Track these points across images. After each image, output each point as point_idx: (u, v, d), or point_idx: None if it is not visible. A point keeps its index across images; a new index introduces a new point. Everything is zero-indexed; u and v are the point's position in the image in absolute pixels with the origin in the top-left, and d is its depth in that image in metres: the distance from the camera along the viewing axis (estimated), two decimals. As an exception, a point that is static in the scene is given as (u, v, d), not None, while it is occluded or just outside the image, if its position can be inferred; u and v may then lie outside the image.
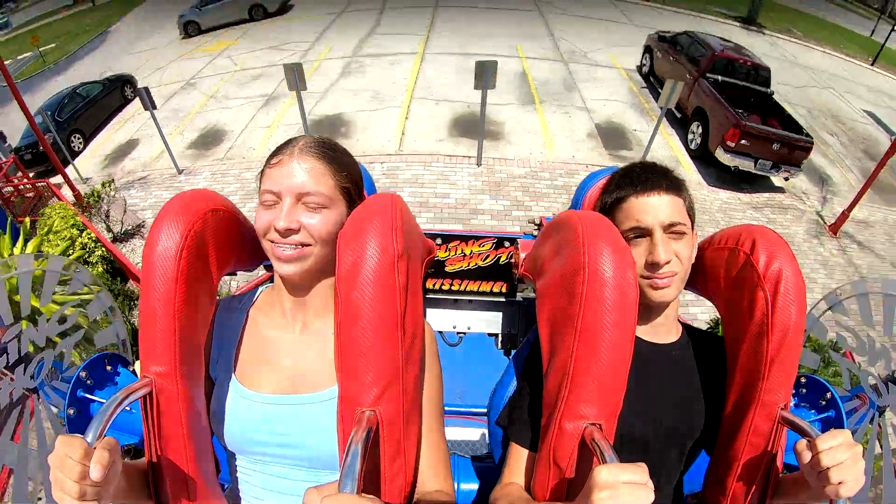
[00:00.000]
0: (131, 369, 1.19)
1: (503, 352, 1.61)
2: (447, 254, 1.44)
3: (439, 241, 1.42)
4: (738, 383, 0.83)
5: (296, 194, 0.78)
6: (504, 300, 1.51)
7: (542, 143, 8.48)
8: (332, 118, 9.22)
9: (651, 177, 0.88)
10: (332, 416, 0.75)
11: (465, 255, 1.45)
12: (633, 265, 0.76)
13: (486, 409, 1.17)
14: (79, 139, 9.49)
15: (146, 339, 0.72)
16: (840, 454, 0.66)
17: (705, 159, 8.28)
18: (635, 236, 0.87)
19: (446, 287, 1.48)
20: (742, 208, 7.76)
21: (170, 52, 13.56)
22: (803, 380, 1.15)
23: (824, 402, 1.13)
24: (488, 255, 1.45)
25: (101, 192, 6.67)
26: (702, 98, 8.27)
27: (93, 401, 1.09)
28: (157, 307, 0.71)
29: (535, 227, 1.67)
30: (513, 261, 1.44)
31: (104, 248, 5.25)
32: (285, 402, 0.80)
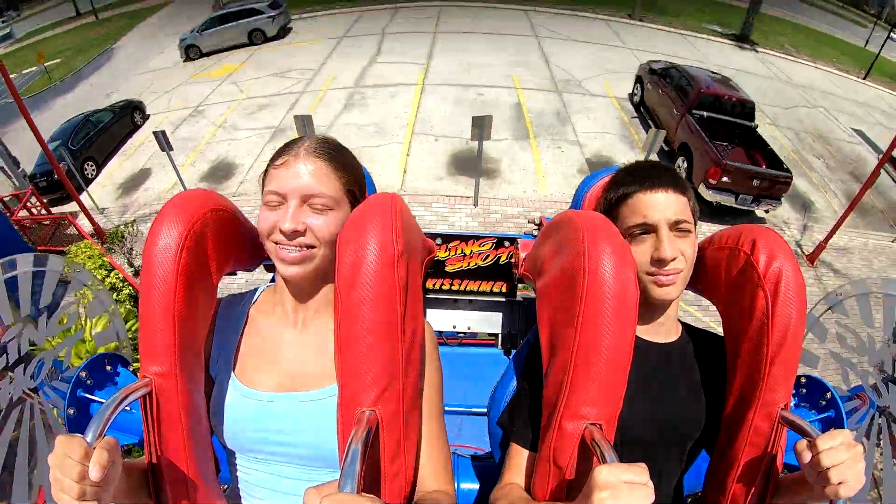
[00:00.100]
0: (131, 369, 1.19)
1: (503, 352, 1.61)
2: (447, 254, 1.44)
3: (439, 241, 1.42)
4: (738, 383, 0.83)
5: (301, 196, 0.78)
6: (504, 300, 1.51)
7: (534, 181, 8.74)
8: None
9: (658, 174, 0.88)
10: (331, 414, 0.75)
11: (465, 255, 1.45)
12: (634, 264, 0.75)
13: (486, 409, 1.17)
14: (91, 166, 9.71)
15: (145, 339, 0.72)
16: (840, 454, 0.66)
17: (689, 192, 8.60)
18: (641, 232, 0.87)
19: (446, 287, 1.48)
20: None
21: (175, 75, 13.63)
22: (803, 380, 1.15)
23: (824, 402, 1.13)
24: (488, 255, 1.45)
25: (125, 233, 7.21)
26: (687, 134, 8.52)
27: (93, 401, 1.09)
28: (157, 307, 0.71)
29: (535, 227, 1.67)
30: (513, 261, 1.44)
31: (131, 287, 5.82)
32: (285, 400, 0.80)
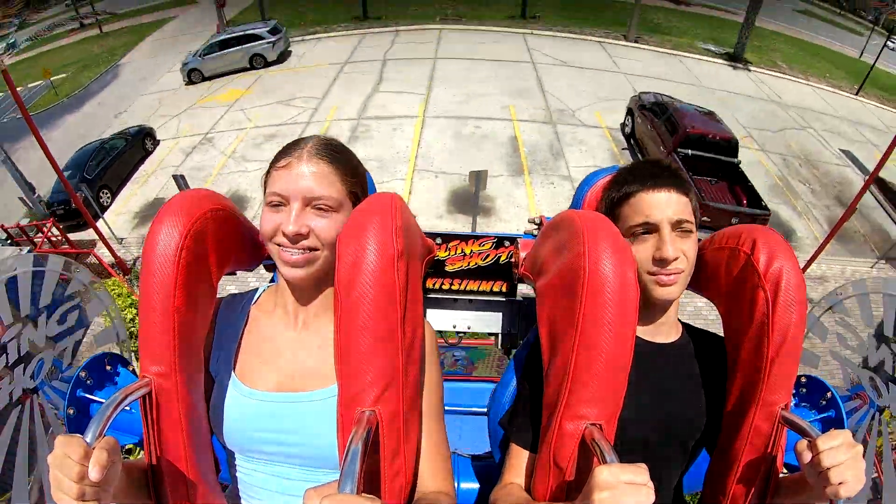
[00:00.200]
0: (131, 369, 1.19)
1: (503, 351, 1.61)
2: (447, 253, 1.44)
3: (439, 240, 1.42)
4: (739, 383, 0.83)
5: (304, 198, 0.77)
6: (504, 300, 1.51)
7: (527, 219, 8.77)
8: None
9: (661, 173, 0.88)
10: (331, 414, 0.75)
11: (464, 255, 1.45)
12: (634, 264, 0.75)
13: (486, 409, 1.17)
14: (107, 194, 9.89)
15: (145, 339, 0.72)
16: (840, 454, 0.65)
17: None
18: (643, 232, 0.87)
19: (446, 287, 1.48)
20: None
21: (182, 98, 13.77)
22: (803, 380, 1.15)
23: (824, 402, 1.13)
24: (488, 255, 1.45)
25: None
26: (673, 171, 8.85)
27: (92, 401, 1.09)
28: (157, 307, 0.71)
29: (536, 227, 1.67)
30: (513, 260, 1.44)
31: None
32: (284, 400, 0.80)
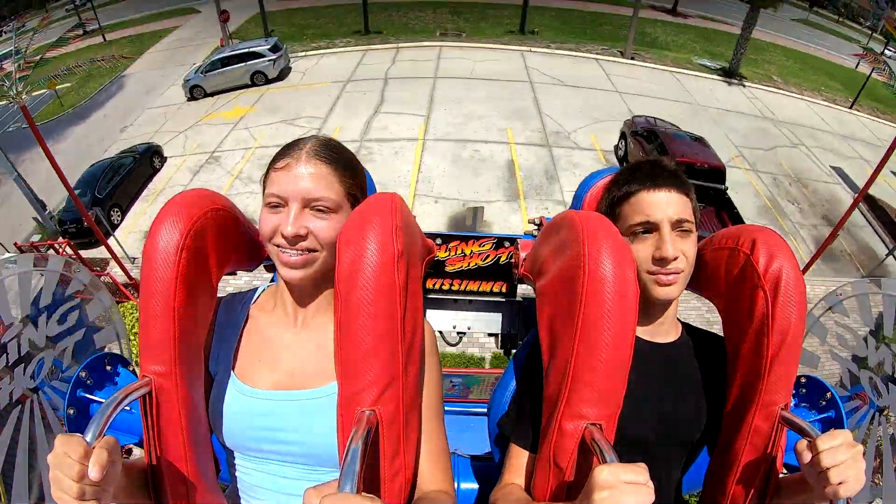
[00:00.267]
0: (131, 369, 1.19)
1: (503, 352, 1.61)
2: (447, 254, 1.44)
3: (439, 241, 1.42)
4: (738, 383, 0.83)
5: (303, 200, 0.77)
6: (504, 300, 1.51)
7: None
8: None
9: (662, 173, 0.88)
10: (330, 413, 0.75)
11: (465, 255, 1.45)
12: (634, 264, 0.75)
13: (486, 409, 1.17)
14: (117, 212, 10.00)
15: (145, 339, 0.72)
16: (840, 454, 0.65)
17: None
18: (643, 231, 0.87)
19: (446, 287, 1.48)
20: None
21: (188, 113, 13.76)
22: (803, 380, 1.15)
23: (824, 402, 1.13)
24: (488, 255, 1.45)
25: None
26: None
27: (92, 401, 1.09)
28: (157, 306, 0.71)
29: (535, 227, 1.67)
30: (513, 261, 1.44)
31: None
32: (284, 398, 0.80)
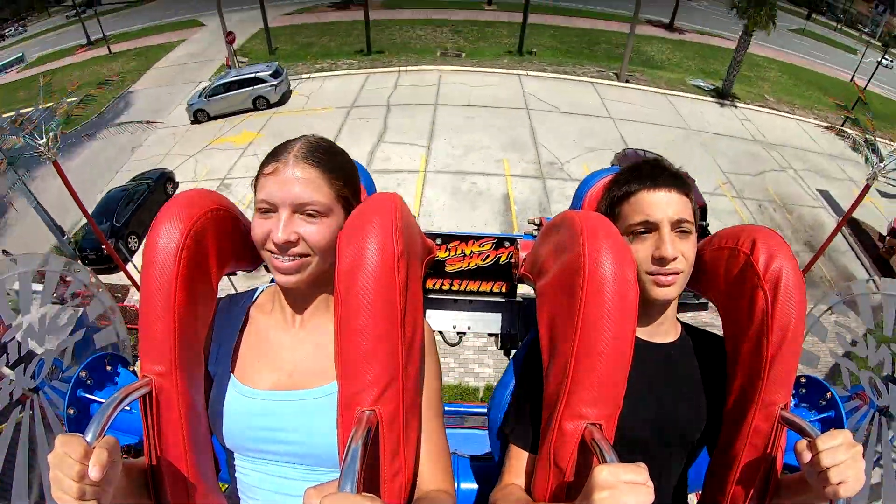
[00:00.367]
0: (131, 369, 1.19)
1: (503, 352, 1.61)
2: (447, 254, 1.44)
3: (439, 241, 1.42)
4: (738, 383, 0.83)
5: (292, 206, 0.76)
6: (504, 300, 1.51)
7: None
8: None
9: (662, 173, 0.88)
10: (330, 412, 0.75)
11: (464, 256, 1.45)
12: (634, 264, 0.76)
13: (486, 410, 1.17)
14: (134, 240, 10.42)
15: (145, 339, 0.72)
16: (840, 454, 0.65)
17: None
18: (643, 231, 0.87)
19: (446, 287, 1.48)
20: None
21: (197, 135, 14.16)
22: (803, 380, 1.15)
23: (824, 402, 1.13)
24: (488, 256, 1.45)
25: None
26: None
27: (93, 401, 1.09)
28: (157, 306, 0.71)
29: (535, 228, 1.67)
30: (513, 261, 1.44)
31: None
32: (283, 398, 0.80)
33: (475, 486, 1.23)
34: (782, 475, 0.82)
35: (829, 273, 9.94)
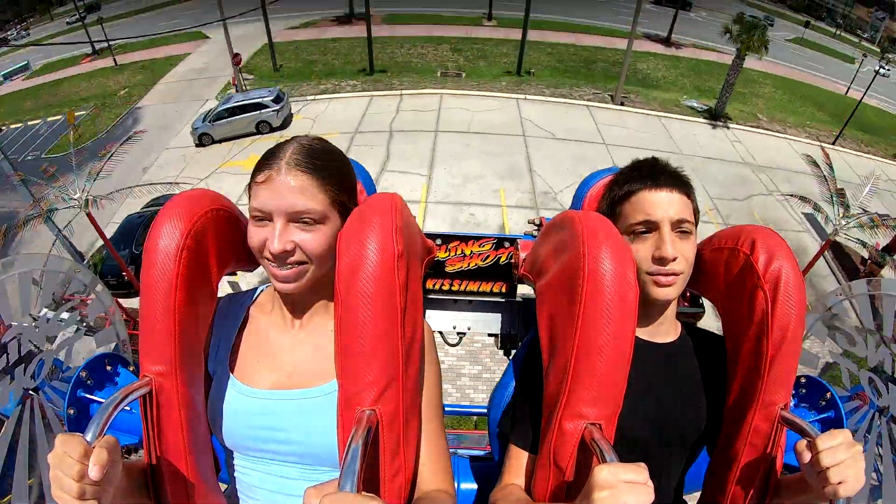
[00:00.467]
0: (131, 369, 1.19)
1: (503, 352, 1.61)
2: (447, 254, 1.44)
3: (439, 241, 1.42)
4: (738, 383, 0.83)
5: (287, 215, 0.75)
6: (504, 301, 1.51)
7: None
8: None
9: (663, 173, 0.89)
10: (329, 412, 0.75)
11: (464, 256, 1.45)
12: (634, 264, 0.76)
13: (486, 410, 1.17)
14: None
15: (146, 339, 0.72)
16: (840, 454, 0.66)
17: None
18: (643, 231, 0.87)
19: (446, 287, 1.48)
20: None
21: (207, 157, 14.34)
22: (803, 380, 1.15)
23: (824, 402, 1.13)
24: (488, 256, 1.45)
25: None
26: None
27: (93, 401, 1.09)
28: (157, 306, 0.71)
29: (535, 228, 1.67)
30: (513, 261, 1.44)
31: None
32: (282, 398, 0.80)
33: (475, 486, 1.23)
34: (782, 475, 0.83)
35: (808, 297, 9.93)
